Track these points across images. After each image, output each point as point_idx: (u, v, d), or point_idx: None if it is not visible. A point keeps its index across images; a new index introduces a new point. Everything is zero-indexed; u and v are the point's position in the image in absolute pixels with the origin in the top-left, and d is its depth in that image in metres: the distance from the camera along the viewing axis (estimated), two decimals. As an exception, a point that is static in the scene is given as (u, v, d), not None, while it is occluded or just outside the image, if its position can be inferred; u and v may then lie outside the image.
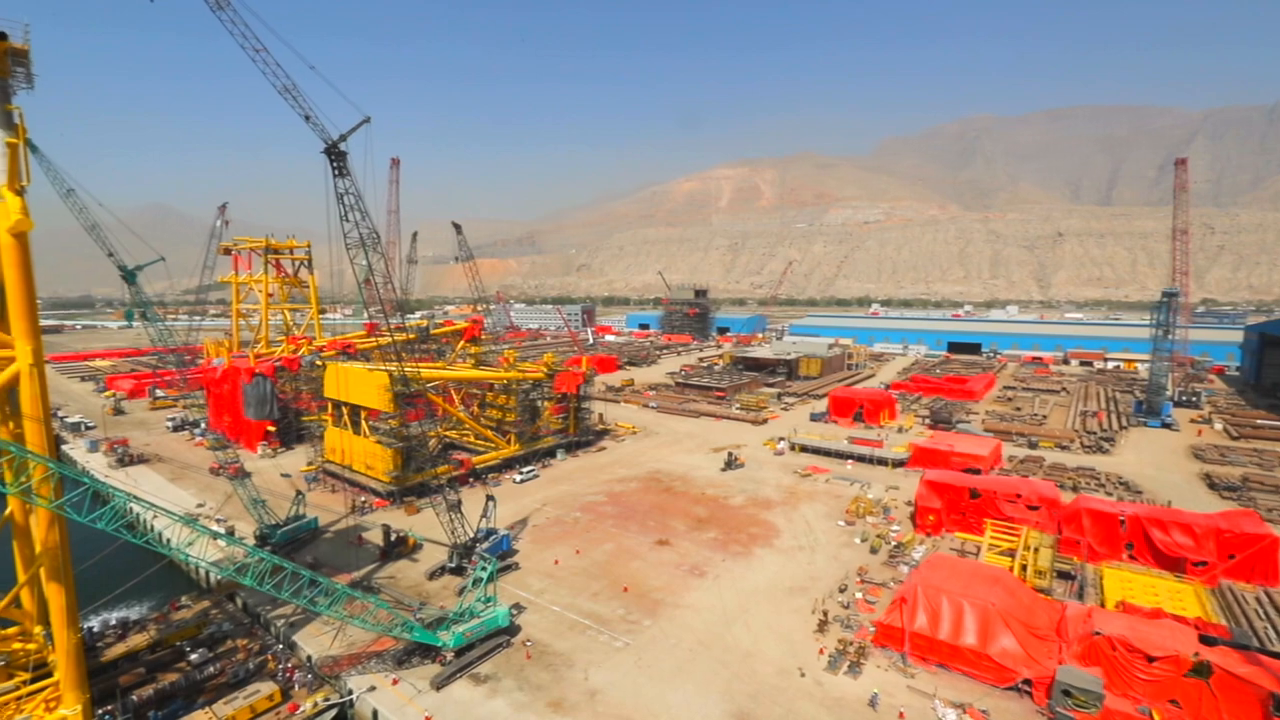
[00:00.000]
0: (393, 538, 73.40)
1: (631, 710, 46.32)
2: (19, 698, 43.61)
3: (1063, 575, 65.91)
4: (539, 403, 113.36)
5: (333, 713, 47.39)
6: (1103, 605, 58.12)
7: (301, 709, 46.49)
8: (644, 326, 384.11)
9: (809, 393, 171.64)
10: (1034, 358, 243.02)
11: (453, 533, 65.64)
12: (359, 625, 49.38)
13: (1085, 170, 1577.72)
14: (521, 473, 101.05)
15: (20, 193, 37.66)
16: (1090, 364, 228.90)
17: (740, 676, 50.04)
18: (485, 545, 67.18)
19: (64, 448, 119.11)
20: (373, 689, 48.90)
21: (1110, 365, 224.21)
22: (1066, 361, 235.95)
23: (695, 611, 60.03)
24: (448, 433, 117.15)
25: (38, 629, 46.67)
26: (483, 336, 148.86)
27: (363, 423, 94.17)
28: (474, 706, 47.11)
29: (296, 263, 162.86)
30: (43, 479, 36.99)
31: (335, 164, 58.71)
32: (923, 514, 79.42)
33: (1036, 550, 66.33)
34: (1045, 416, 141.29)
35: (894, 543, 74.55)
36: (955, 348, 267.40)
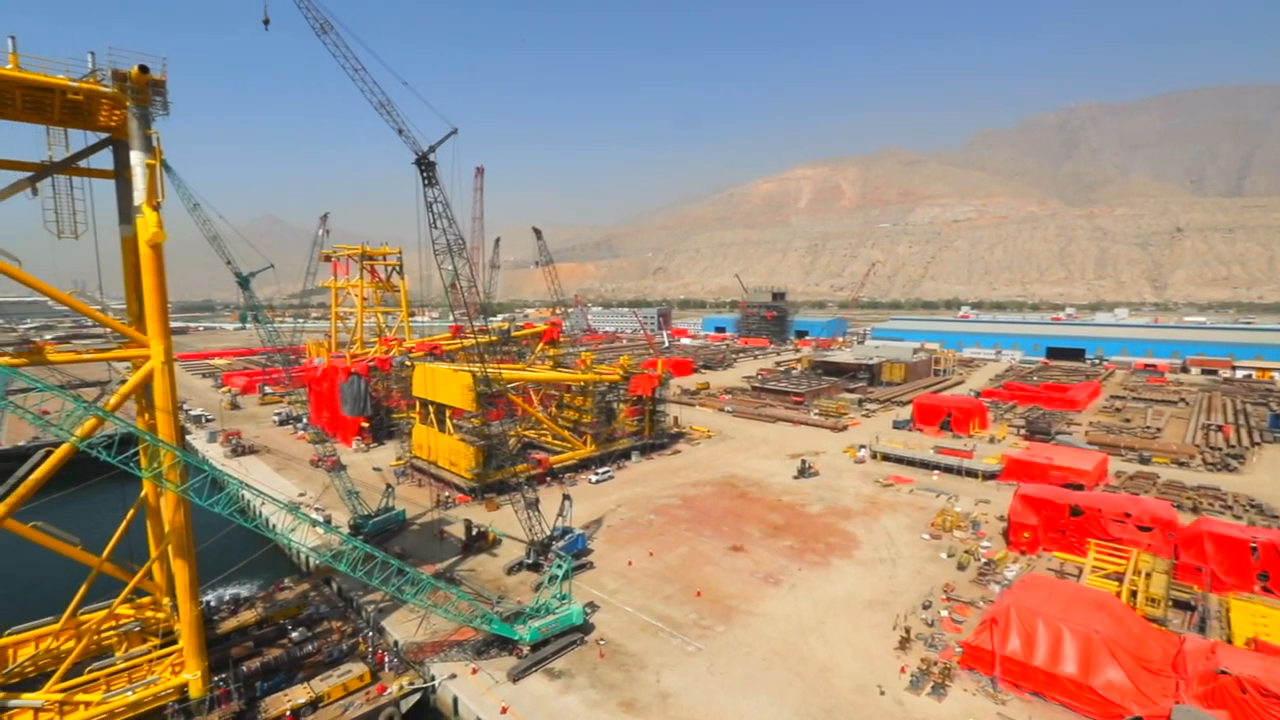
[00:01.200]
0: (474, 532, 76.29)
1: (703, 716, 45.94)
2: (150, 660, 48.59)
3: (1180, 605, 59.96)
4: (615, 405, 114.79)
5: (416, 697, 49.73)
6: (1229, 641, 52.44)
7: (389, 690, 49.06)
8: (720, 330, 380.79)
9: (892, 399, 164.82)
10: (1146, 365, 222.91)
11: (530, 530, 67.45)
12: (442, 615, 51.64)
13: (1210, 158, 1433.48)
14: (597, 473, 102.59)
15: (157, 208, 41.92)
16: (1214, 372, 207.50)
17: (816, 690, 48.62)
18: (561, 544, 68.60)
19: (187, 438, 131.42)
20: (453, 676, 50.99)
21: (1239, 374, 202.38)
22: (1185, 369, 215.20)
23: (769, 620, 58.90)
24: (527, 432, 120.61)
25: (165, 600, 51.76)
26: (561, 339, 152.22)
27: (447, 421, 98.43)
28: (548, 700, 48.19)
29: (389, 268, 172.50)
30: (171, 465, 41.02)
31: (425, 174, 61.70)
32: (1016, 530, 74.49)
33: (1148, 575, 60.71)
34: (1160, 430, 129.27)
35: (984, 559, 70.34)
36: (1055, 353, 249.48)
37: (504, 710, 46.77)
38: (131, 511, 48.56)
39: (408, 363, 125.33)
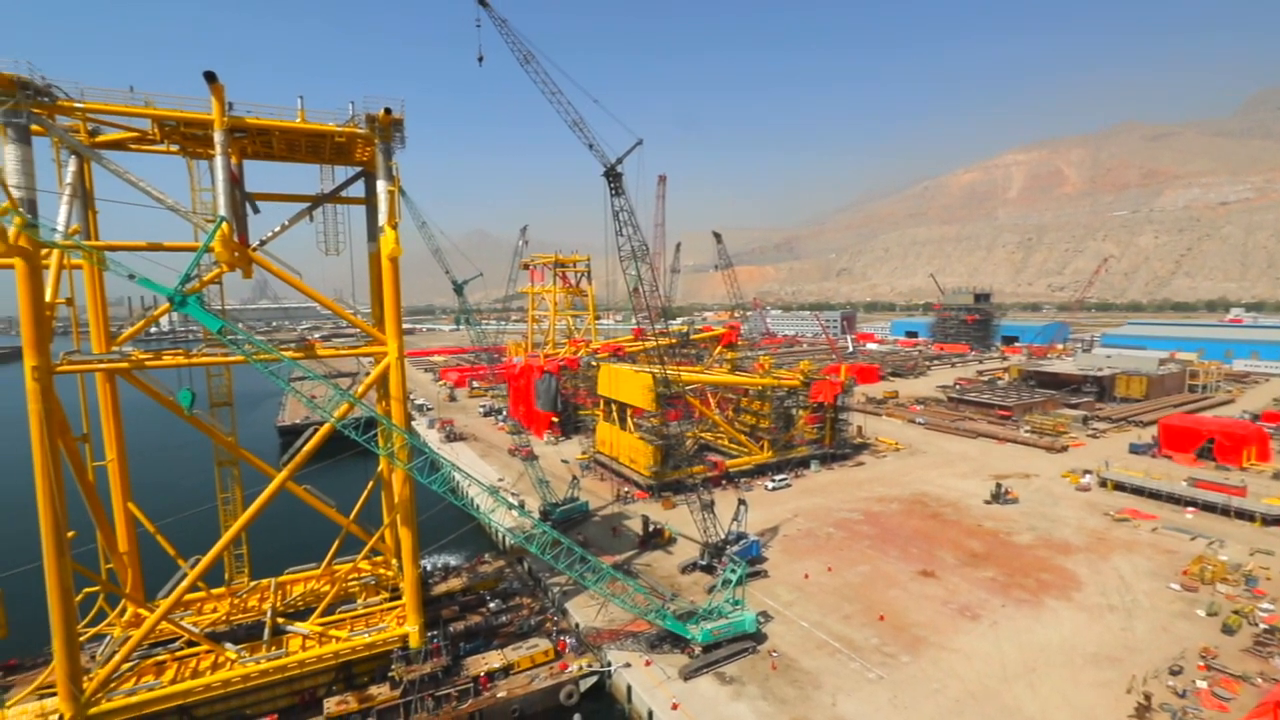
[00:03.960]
0: (651, 529, 78.75)
1: (884, 751, 42.69)
2: (382, 610, 57.18)
3: None
4: (794, 411, 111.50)
5: (594, 679, 52.55)
6: None
7: (569, 669, 52.43)
8: (911, 334, 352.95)
9: (1128, 418, 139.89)
10: None
11: (705, 531, 67.89)
12: (619, 604, 54.03)
13: None
14: (774, 480, 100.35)
15: (395, 227, 49.33)
16: None
17: (1022, 746, 42.71)
18: (735, 548, 68.11)
19: (413, 424, 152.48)
20: (628, 665, 53.02)
21: None
22: None
23: (965, 658, 53.00)
24: (703, 435, 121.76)
25: (394, 561, 60.51)
26: (739, 342, 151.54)
27: (629, 419, 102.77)
28: (718, 704, 48.05)
29: (578, 274, 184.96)
30: (401, 446, 47.90)
31: (613, 185, 65.11)
32: (1313, 592, 58.86)
33: None
34: None
35: (1263, 625, 56.64)
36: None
37: (675, 706, 47.55)
38: (371, 483, 57.66)
39: (594, 363, 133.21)
